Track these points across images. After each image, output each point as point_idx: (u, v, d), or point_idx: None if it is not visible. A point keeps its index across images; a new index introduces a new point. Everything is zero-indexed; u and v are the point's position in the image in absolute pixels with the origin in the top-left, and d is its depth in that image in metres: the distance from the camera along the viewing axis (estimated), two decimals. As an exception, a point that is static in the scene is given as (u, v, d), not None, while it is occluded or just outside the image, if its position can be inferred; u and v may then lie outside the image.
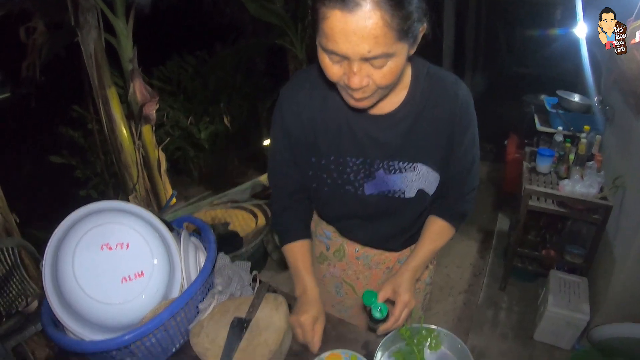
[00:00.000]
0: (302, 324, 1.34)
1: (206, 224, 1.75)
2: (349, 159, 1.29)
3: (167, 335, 1.41)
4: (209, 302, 1.57)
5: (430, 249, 1.46)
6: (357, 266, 1.62)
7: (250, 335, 1.47)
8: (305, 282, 1.46)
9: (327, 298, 1.70)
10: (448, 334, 1.45)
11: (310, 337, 1.34)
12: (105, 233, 1.37)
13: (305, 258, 1.49)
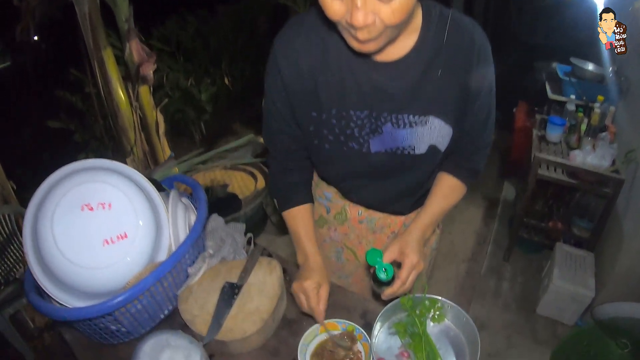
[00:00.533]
0: (305, 290, 1.24)
1: (197, 182, 1.63)
2: (352, 112, 1.16)
3: (154, 302, 1.33)
4: (199, 266, 1.47)
5: (440, 207, 1.35)
6: (360, 230, 1.51)
7: (241, 301, 1.37)
8: (307, 250, 1.35)
9: (327, 264, 1.59)
10: (453, 306, 1.35)
11: (315, 303, 1.24)
12: (86, 193, 1.29)
13: (307, 224, 1.38)
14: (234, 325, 1.31)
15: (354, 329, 1.32)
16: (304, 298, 1.25)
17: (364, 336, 1.29)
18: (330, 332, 1.31)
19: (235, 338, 1.28)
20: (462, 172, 1.38)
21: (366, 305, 1.44)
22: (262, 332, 1.33)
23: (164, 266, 1.30)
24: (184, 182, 1.75)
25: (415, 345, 1.29)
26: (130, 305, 1.25)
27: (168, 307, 1.46)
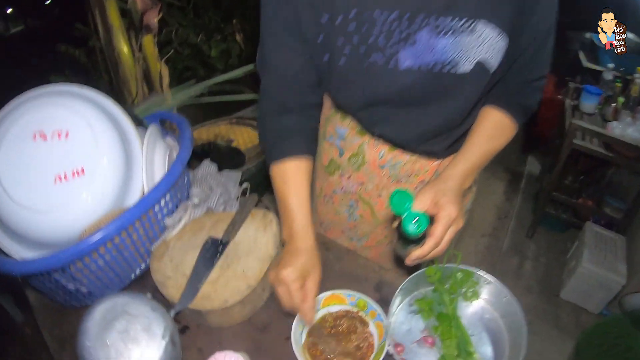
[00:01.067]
0: (284, 281, 0.93)
1: (184, 118, 1.31)
2: (377, 13, 0.84)
3: (122, 258, 1.08)
4: (179, 217, 1.16)
5: (484, 150, 1.03)
6: (380, 178, 1.17)
7: (225, 262, 1.05)
8: (295, 222, 1.01)
9: (336, 222, 1.26)
10: (492, 282, 1.02)
11: (298, 300, 0.93)
12: (43, 119, 1.06)
13: (301, 186, 1.03)
14: (213, 292, 1.00)
15: (365, 305, 0.99)
16: (283, 292, 0.94)
17: (378, 314, 0.97)
18: (334, 307, 0.99)
19: (213, 308, 0.98)
20: (512, 106, 1.04)
21: (382, 276, 1.12)
22: (248, 303, 1.02)
23: (131, 212, 1.03)
24: (168, 119, 1.42)
25: (442, 330, 0.98)
26: (89, 260, 1.02)
27: (140, 266, 1.18)
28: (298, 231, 1.00)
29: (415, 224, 0.86)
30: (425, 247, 0.90)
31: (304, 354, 0.93)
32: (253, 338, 1.02)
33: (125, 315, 0.91)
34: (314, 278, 0.95)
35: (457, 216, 0.91)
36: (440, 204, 0.90)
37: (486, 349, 1.00)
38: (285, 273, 0.92)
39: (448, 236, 0.92)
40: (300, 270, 0.93)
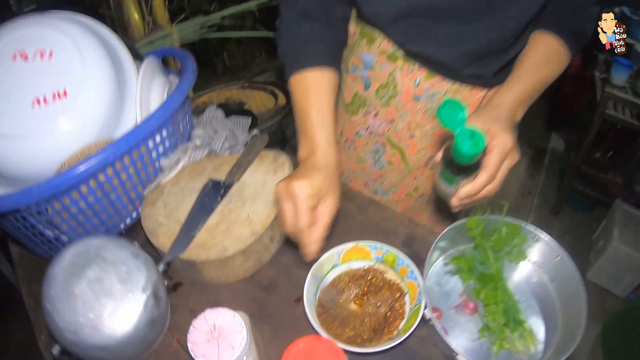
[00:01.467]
0: (292, 194, 0.71)
1: (188, 53, 1.10)
2: None
3: (108, 202, 0.91)
4: (176, 158, 0.96)
5: (538, 77, 0.83)
6: (414, 114, 0.96)
7: (227, 207, 0.86)
8: (316, 135, 0.80)
9: (358, 171, 1.07)
10: (542, 238, 0.83)
11: (305, 222, 0.70)
12: (24, 38, 0.91)
13: (323, 96, 0.83)
14: (210, 240, 0.81)
15: (395, 260, 0.80)
16: (289, 209, 0.72)
17: (411, 271, 0.77)
18: (356, 263, 0.80)
19: (209, 258, 0.78)
20: (565, 32, 0.83)
21: (413, 230, 0.92)
22: (252, 255, 0.83)
23: (118, 145, 0.85)
24: (171, 55, 1.22)
25: (486, 293, 0.77)
26: (69, 201, 0.85)
27: (131, 215, 0.99)
28: (320, 145, 0.78)
29: (472, 141, 0.63)
30: (478, 182, 0.70)
31: (318, 319, 0.74)
32: (256, 298, 0.83)
33: (100, 262, 0.73)
34: (330, 204, 0.73)
35: (512, 147, 0.72)
36: (492, 131, 0.71)
37: (535, 319, 0.80)
38: (298, 185, 0.70)
39: (503, 171, 0.73)
40: (316, 188, 0.71)
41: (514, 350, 0.75)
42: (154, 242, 0.86)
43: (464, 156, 0.65)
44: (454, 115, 0.65)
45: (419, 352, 0.76)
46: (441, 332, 0.69)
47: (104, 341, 0.69)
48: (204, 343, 0.63)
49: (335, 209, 0.74)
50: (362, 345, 0.72)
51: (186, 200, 0.91)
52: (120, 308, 0.70)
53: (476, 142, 0.63)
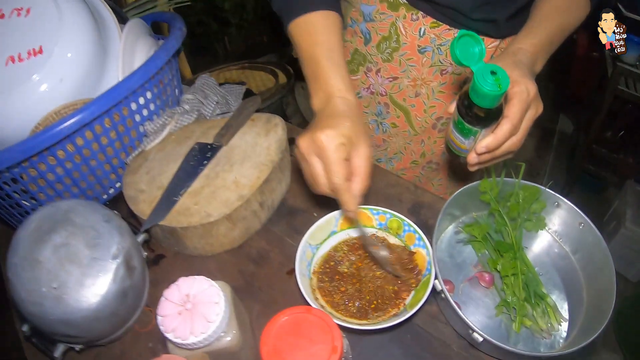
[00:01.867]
0: (322, 149, 0.58)
1: (177, 14, 0.99)
2: None
3: (88, 170, 0.82)
4: (162, 122, 0.85)
5: (558, 23, 0.72)
6: (419, 68, 0.86)
7: (214, 170, 0.75)
8: (331, 78, 0.66)
9: None
10: (563, 204, 0.71)
11: (342, 176, 0.58)
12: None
13: (334, 35, 0.70)
14: (193, 206, 0.70)
15: (400, 226, 0.68)
16: (317, 164, 0.60)
17: (418, 238, 0.66)
18: (356, 230, 0.69)
19: (191, 224, 0.67)
20: None
21: (420, 196, 0.80)
22: (240, 223, 0.72)
23: (97, 104, 0.75)
24: (160, 19, 1.11)
25: (503, 264, 0.66)
26: (45, 166, 0.76)
27: (114, 185, 0.90)
28: (337, 88, 0.66)
29: (493, 79, 0.51)
30: (500, 132, 0.58)
31: (313, 293, 0.63)
32: (244, 270, 0.73)
33: (68, 226, 0.63)
34: (364, 151, 0.61)
35: (536, 94, 0.62)
36: (512, 78, 0.59)
37: (558, 294, 0.69)
38: (325, 136, 0.58)
39: (527, 121, 0.62)
40: (347, 136, 0.59)
41: (535, 329, 0.64)
42: (134, 209, 0.75)
43: (485, 97, 0.53)
44: (471, 50, 0.53)
45: (427, 330, 0.65)
46: (454, 306, 0.57)
47: (69, 314, 0.59)
48: (176, 316, 0.52)
49: (371, 156, 0.62)
50: (364, 322, 0.61)
51: (171, 166, 0.81)
52: (87, 277, 0.60)
53: (499, 80, 0.52)
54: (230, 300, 0.56)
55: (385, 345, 0.63)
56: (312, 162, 0.60)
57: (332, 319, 0.46)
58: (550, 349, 0.63)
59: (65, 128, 0.71)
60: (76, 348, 0.66)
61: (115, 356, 0.67)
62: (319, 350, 0.44)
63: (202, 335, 0.50)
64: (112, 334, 0.67)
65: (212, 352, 0.54)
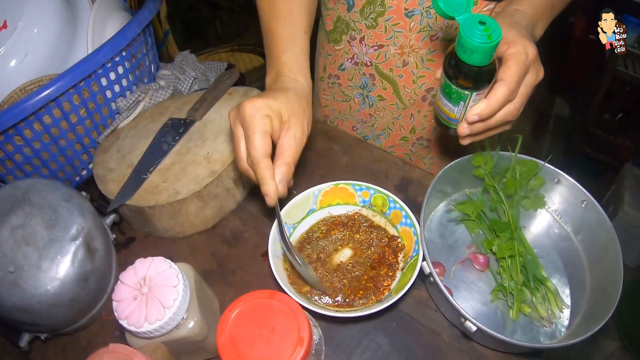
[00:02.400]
0: (243, 116, 0.52)
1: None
2: None
3: (58, 150, 0.75)
4: (134, 98, 0.77)
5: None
6: (407, 34, 0.74)
7: (185, 146, 0.68)
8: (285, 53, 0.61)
9: (345, 112, 0.88)
10: (563, 181, 0.63)
11: (259, 148, 0.51)
12: None
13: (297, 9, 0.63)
14: (162, 183, 0.63)
15: (385, 203, 0.60)
16: (241, 135, 0.54)
17: (405, 216, 0.58)
18: (337, 209, 0.61)
19: (159, 203, 0.59)
20: None
21: (408, 172, 0.72)
22: (212, 201, 0.65)
23: (64, 79, 0.68)
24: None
25: (499, 244, 0.58)
26: (12, 147, 0.70)
27: (87, 166, 0.82)
28: (288, 66, 0.60)
29: (483, 31, 0.43)
30: (493, 98, 0.49)
31: (289, 279, 0.55)
32: (217, 252, 0.66)
33: (26, 206, 0.57)
34: (296, 132, 0.54)
35: (535, 57, 0.52)
36: (507, 38, 0.51)
37: (559, 278, 0.61)
38: (251, 106, 0.51)
39: (526, 87, 0.53)
40: (275, 109, 0.52)
41: (534, 316, 0.57)
42: (102, 189, 0.68)
43: (474, 51, 0.44)
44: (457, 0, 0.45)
45: (415, 317, 0.57)
46: (444, 291, 0.50)
47: (25, 300, 0.53)
48: (131, 301, 0.45)
49: (302, 139, 0.55)
50: (344, 309, 0.54)
51: (142, 143, 0.73)
52: (44, 259, 0.54)
53: (489, 30, 0.43)
54: (193, 284, 0.49)
55: (368, 334, 0.56)
56: (236, 132, 0.54)
57: (298, 304, 0.38)
58: (551, 338, 0.56)
59: (31, 105, 0.65)
60: (41, 337, 0.61)
61: (82, 345, 0.62)
62: (283, 341, 0.37)
63: (157, 323, 0.44)
64: (77, 321, 0.61)
65: (172, 342, 0.47)
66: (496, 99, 0.49)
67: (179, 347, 0.48)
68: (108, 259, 0.62)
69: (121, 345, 0.42)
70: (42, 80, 0.77)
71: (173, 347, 0.48)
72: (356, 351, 0.54)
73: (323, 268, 0.58)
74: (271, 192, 0.51)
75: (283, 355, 0.36)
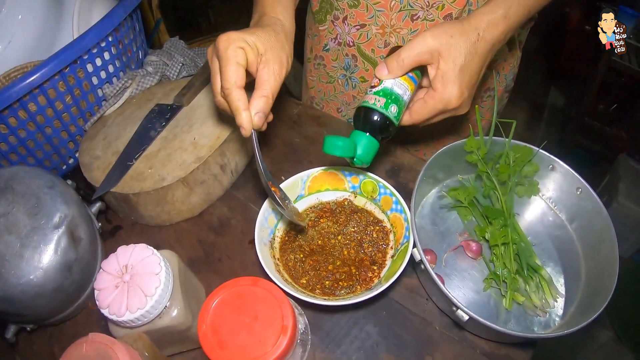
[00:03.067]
0: (218, 48, 0.51)
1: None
2: None
3: (44, 138, 0.74)
4: (121, 85, 0.74)
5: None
6: (388, 14, 0.73)
7: (172, 132, 0.66)
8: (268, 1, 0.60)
9: (329, 93, 0.87)
10: (558, 168, 0.62)
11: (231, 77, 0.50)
12: None
13: None
14: (147, 170, 0.61)
15: (375, 188, 0.59)
16: (216, 68, 0.53)
17: (395, 201, 0.56)
18: (325, 195, 0.59)
19: (144, 190, 0.57)
20: None
21: (398, 157, 0.70)
22: (198, 187, 0.64)
23: (48, 65, 0.66)
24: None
25: (492, 232, 0.56)
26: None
27: (74, 154, 0.79)
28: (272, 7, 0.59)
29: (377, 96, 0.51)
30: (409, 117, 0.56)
31: (276, 266, 0.54)
32: (203, 240, 0.64)
33: (8, 194, 0.55)
34: (272, 66, 0.52)
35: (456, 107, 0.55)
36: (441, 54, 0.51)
37: (553, 267, 0.60)
38: (226, 38, 0.50)
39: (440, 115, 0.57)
40: (251, 42, 0.51)
41: (528, 305, 0.55)
42: (88, 177, 0.66)
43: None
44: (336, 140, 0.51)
45: (405, 306, 0.56)
46: (435, 279, 0.48)
47: (8, 290, 0.51)
48: (112, 289, 0.43)
49: (281, 72, 0.53)
50: (332, 297, 0.52)
51: (128, 130, 0.71)
52: (26, 248, 0.52)
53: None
54: (177, 272, 0.47)
55: (358, 323, 0.54)
56: (213, 66, 0.53)
57: (282, 291, 0.37)
58: (545, 328, 0.55)
59: (15, 92, 0.63)
60: (27, 328, 0.60)
61: (69, 336, 0.61)
62: (266, 329, 0.35)
63: (138, 312, 0.42)
64: (62, 311, 0.59)
65: (155, 331, 0.46)
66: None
67: (163, 336, 0.47)
68: (93, 248, 0.60)
69: (101, 334, 0.40)
70: (26, 67, 0.75)
71: (156, 336, 0.46)
72: (345, 340, 0.53)
73: (311, 254, 0.57)
74: (245, 122, 0.50)
75: (266, 344, 0.34)
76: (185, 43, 0.99)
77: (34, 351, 0.59)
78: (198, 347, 0.52)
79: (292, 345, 0.35)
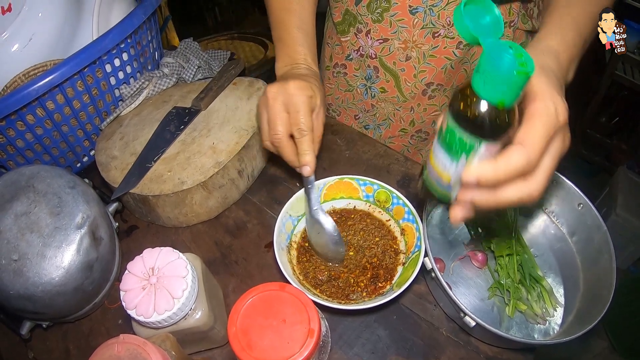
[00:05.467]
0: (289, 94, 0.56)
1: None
2: None
3: (60, 136, 0.76)
4: (138, 86, 0.77)
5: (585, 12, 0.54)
6: (410, 30, 0.76)
7: (190, 135, 0.69)
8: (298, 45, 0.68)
9: (348, 101, 0.92)
10: (560, 182, 0.67)
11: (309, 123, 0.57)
12: None
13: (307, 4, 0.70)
14: (166, 172, 0.64)
15: (388, 198, 0.62)
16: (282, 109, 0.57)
17: (408, 212, 0.60)
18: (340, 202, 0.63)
19: (164, 192, 0.60)
20: None
21: (410, 168, 0.74)
22: (216, 191, 0.66)
23: (68, 65, 0.69)
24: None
25: (497, 243, 0.60)
26: (14, 132, 0.70)
27: (89, 152, 0.84)
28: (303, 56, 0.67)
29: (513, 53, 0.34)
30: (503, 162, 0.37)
31: (293, 271, 0.57)
32: (220, 242, 0.67)
33: (30, 193, 0.57)
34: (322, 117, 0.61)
35: (566, 120, 0.41)
36: (535, 87, 0.41)
37: (553, 278, 0.64)
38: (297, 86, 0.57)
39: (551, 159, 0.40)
40: (315, 92, 0.60)
41: (529, 314, 0.59)
42: (105, 176, 0.69)
43: (500, 82, 0.35)
44: (480, 17, 0.37)
45: (415, 311, 0.59)
46: (445, 287, 0.52)
47: (29, 289, 0.53)
48: (139, 291, 0.46)
49: (323, 124, 0.62)
50: (346, 302, 0.56)
51: (146, 131, 0.74)
52: (49, 248, 0.54)
53: (521, 56, 0.34)
54: (200, 275, 0.50)
55: (370, 326, 0.58)
56: (276, 106, 0.57)
57: (308, 297, 0.40)
58: (544, 335, 0.58)
59: (34, 90, 0.65)
60: (43, 325, 0.61)
61: (84, 333, 0.62)
62: (293, 332, 0.39)
63: (166, 313, 0.45)
64: (79, 310, 0.61)
65: (179, 332, 0.48)
66: (507, 164, 0.37)
67: (186, 336, 0.49)
68: (112, 248, 0.63)
69: (132, 335, 0.43)
70: (46, 66, 0.77)
71: (180, 336, 0.49)
72: (357, 343, 0.56)
73: (326, 263, 0.60)
74: (313, 162, 0.57)
75: (294, 346, 0.37)
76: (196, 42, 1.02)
77: (47, 347, 0.61)
78: (216, 346, 0.55)
79: (317, 348, 0.39)
